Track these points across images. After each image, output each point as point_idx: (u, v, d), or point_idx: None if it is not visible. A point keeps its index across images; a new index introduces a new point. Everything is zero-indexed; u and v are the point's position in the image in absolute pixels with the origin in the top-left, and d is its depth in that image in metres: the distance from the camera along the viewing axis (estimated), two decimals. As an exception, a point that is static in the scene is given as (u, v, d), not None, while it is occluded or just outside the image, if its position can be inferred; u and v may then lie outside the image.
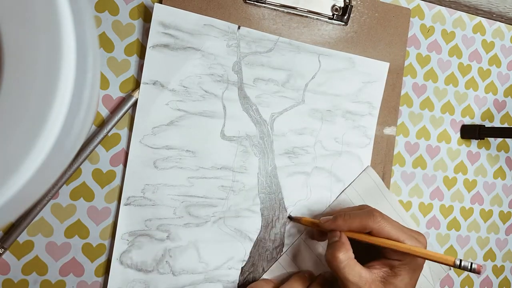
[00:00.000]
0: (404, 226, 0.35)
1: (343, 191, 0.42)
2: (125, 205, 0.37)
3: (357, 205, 0.40)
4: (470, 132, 0.46)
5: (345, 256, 0.33)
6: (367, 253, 0.36)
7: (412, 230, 0.35)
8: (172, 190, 0.38)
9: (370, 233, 0.34)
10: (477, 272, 0.30)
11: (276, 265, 0.40)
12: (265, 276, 0.40)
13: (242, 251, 0.39)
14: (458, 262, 0.31)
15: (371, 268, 0.34)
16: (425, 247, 0.34)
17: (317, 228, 0.38)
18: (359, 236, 0.35)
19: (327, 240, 0.37)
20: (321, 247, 0.41)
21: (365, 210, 0.35)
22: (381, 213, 0.35)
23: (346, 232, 0.35)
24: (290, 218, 0.40)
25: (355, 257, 0.34)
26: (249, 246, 0.40)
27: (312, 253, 0.41)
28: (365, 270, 0.33)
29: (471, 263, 0.30)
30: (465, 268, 0.31)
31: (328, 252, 0.34)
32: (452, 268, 0.44)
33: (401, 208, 0.44)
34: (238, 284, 0.39)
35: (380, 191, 0.43)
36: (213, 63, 0.39)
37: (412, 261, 0.33)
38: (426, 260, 0.34)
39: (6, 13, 0.18)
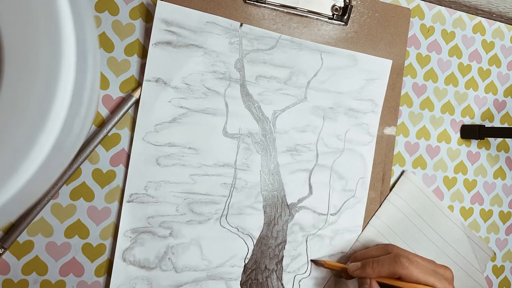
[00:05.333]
0: (430, 263, 0.36)
1: (386, 198, 0.43)
2: (128, 202, 0.37)
3: (380, 244, 0.41)
4: (470, 132, 0.46)
5: None
6: None
7: (438, 266, 0.36)
8: (175, 187, 0.38)
9: (399, 278, 0.36)
10: None
11: None
12: None
13: (244, 249, 0.39)
14: None
15: None
16: (453, 279, 0.36)
17: (346, 273, 0.39)
18: (389, 281, 0.36)
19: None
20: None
21: (391, 256, 0.36)
22: (407, 256, 0.36)
23: (377, 278, 0.37)
24: (314, 262, 0.41)
25: None
26: (251, 244, 0.40)
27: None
28: None
29: None
30: None
31: None
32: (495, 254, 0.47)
33: (448, 210, 0.45)
34: (240, 281, 0.39)
35: (425, 195, 0.44)
36: (215, 61, 0.39)
37: None
38: (472, 247, 0.40)
39: (6, 13, 0.18)
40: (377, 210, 0.43)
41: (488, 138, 0.48)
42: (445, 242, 0.44)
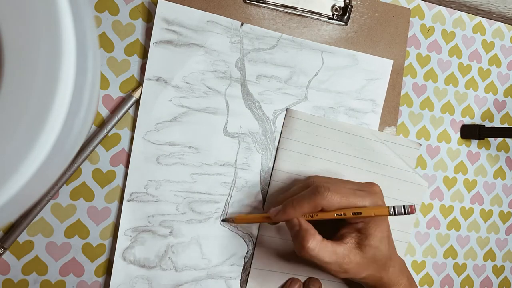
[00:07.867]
0: (354, 184, 0.34)
1: (278, 147, 0.40)
2: (128, 201, 0.37)
3: (300, 180, 0.38)
4: (470, 132, 0.46)
5: (314, 242, 0.32)
6: (332, 223, 0.35)
7: (363, 185, 0.35)
8: (175, 186, 0.38)
9: (322, 210, 0.33)
10: (410, 212, 0.31)
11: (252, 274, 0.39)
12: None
13: (244, 248, 0.39)
14: (392, 211, 0.32)
15: (342, 238, 0.34)
16: (381, 193, 0.34)
17: (269, 221, 0.36)
18: (314, 217, 0.34)
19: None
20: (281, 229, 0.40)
21: (309, 190, 0.34)
22: (325, 185, 0.33)
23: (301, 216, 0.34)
24: (224, 221, 0.39)
25: (323, 233, 0.33)
26: (251, 243, 0.40)
27: (278, 239, 0.39)
28: (338, 245, 0.33)
29: (403, 206, 0.32)
30: (400, 213, 0.32)
31: (296, 243, 0.33)
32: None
33: (349, 126, 0.41)
34: (240, 280, 0.39)
35: (316, 124, 0.41)
36: (216, 60, 0.39)
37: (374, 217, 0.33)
38: (392, 149, 0.38)
39: (6, 13, 0.18)
40: (274, 162, 0.40)
41: (488, 138, 0.48)
42: (362, 160, 0.41)
